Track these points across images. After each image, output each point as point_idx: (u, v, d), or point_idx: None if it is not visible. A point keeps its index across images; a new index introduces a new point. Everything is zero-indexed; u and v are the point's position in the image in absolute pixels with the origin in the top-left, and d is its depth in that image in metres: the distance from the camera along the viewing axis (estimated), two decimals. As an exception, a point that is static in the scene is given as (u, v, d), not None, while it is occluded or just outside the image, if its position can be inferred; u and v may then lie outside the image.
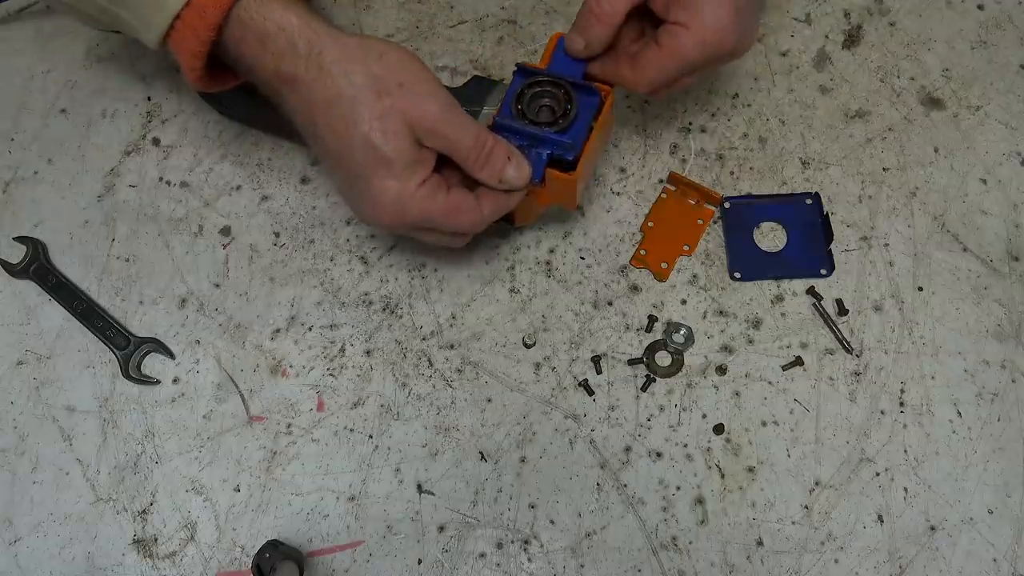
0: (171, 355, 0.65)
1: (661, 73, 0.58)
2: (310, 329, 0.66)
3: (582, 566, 0.59)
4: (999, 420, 0.62)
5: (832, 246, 0.67)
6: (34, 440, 0.63)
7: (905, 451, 0.61)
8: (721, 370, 0.64)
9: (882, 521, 0.60)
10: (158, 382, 0.64)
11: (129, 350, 0.64)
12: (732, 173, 0.70)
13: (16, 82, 0.75)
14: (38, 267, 0.67)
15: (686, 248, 0.67)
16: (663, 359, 0.64)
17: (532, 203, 0.61)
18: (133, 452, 0.63)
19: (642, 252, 0.67)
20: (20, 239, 0.68)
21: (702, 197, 0.69)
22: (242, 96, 0.66)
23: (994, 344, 0.64)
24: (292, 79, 0.53)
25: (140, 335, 0.65)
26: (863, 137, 0.71)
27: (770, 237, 0.68)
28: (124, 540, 0.61)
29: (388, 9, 0.77)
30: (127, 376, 0.64)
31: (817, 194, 0.69)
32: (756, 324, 0.65)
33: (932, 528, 0.60)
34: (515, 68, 0.59)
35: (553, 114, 0.58)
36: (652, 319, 0.65)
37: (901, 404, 0.63)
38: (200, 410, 0.64)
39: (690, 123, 0.72)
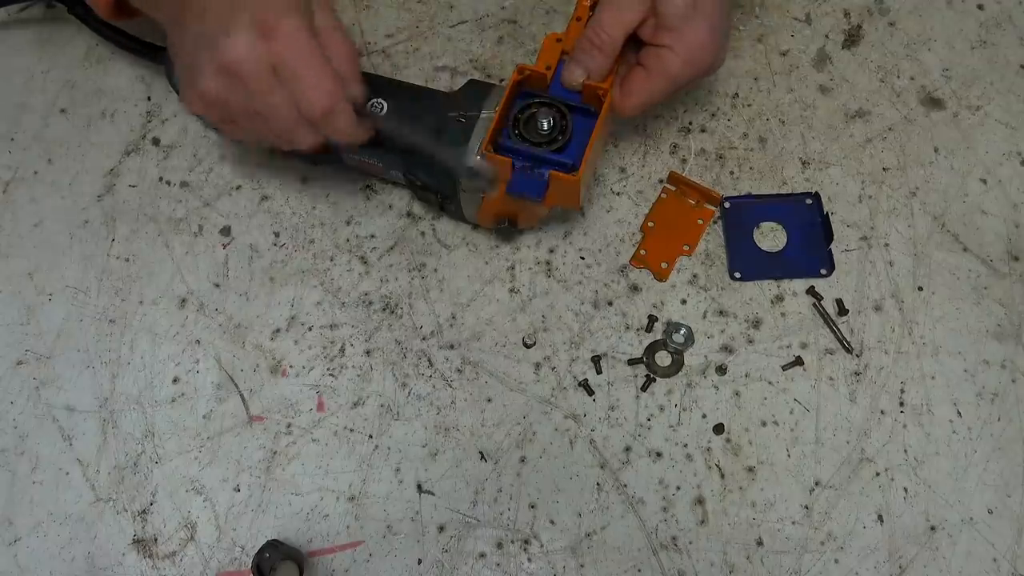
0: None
1: (650, 96, 0.60)
2: (310, 329, 0.66)
3: (582, 566, 0.59)
4: (999, 420, 0.62)
5: (832, 246, 0.67)
6: (34, 440, 0.63)
7: (905, 451, 0.61)
8: (721, 370, 0.64)
9: (882, 521, 0.60)
10: None
11: None
12: (732, 173, 0.70)
13: (16, 82, 0.75)
14: None
15: (686, 248, 0.67)
16: (663, 359, 0.64)
17: (536, 206, 0.61)
18: (133, 452, 0.63)
19: (642, 252, 0.67)
20: None
21: (702, 197, 0.69)
22: None
23: (994, 344, 0.64)
24: None
25: None
26: (863, 137, 0.71)
27: (770, 237, 0.68)
28: (124, 540, 0.61)
29: (388, 9, 0.77)
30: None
31: (817, 194, 0.69)
32: (756, 324, 0.65)
33: (932, 528, 0.60)
34: (515, 72, 0.59)
35: (551, 132, 0.58)
36: (652, 319, 0.65)
37: (901, 404, 0.63)
38: (200, 410, 0.64)
39: (690, 123, 0.72)
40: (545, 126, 0.58)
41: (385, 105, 0.62)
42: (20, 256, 0.69)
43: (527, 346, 0.65)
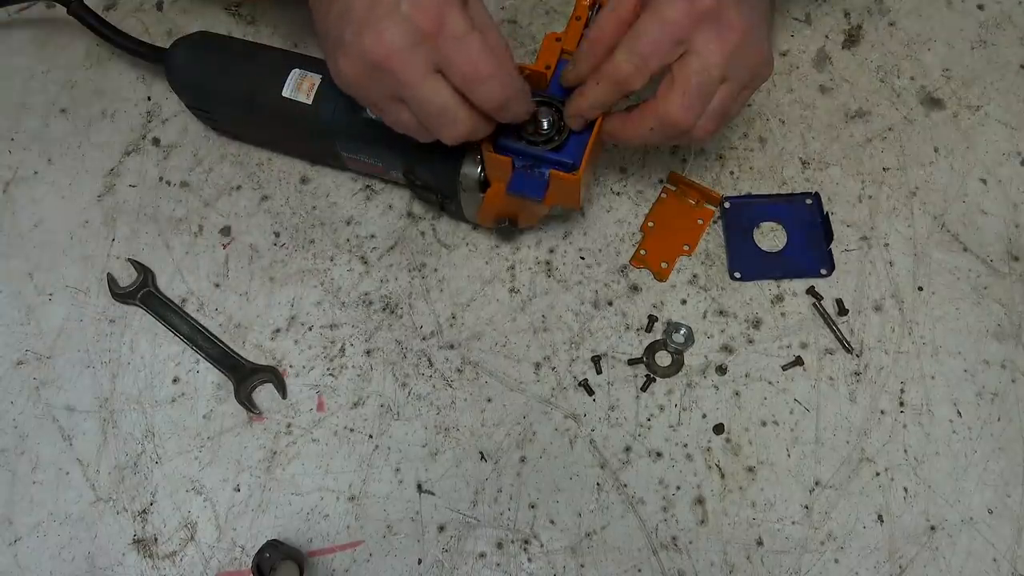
0: (283, 392, 0.64)
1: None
2: (310, 329, 0.66)
3: (582, 566, 0.59)
4: (999, 420, 0.62)
5: (832, 246, 0.67)
6: (34, 440, 0.63)
7: (905, 451, 0.61)
8: (721, 370, 0.64)
9: (882, 521, 0.60)
10: (260, 412, 0.63)
11: (242, 375, 0.64)
12: (732, 173, 0.70)
13: (16, 82, 0.75)
14: (145, 294, 0.66)
15: (686, 248, 0.67)
16: (663, 359, 0.64)
17: (536, 205, 0.61)
18: (133, 452, 0.63)
19: (642, 252, 0.67)
20: (133, 262, 0.67)
21: (702, 197, 0.69)
22: (231, 110, 0.67)
23: (994, 344, 0.64)
24: None
25: (254, 362, 0.64)
26: (863, 137, 0.71)
27: (770, 237, 0.68)
28: (124, 540, 0.61)
29: (388, 9, 0.76)
30: (239, 401, 0.63)
31: (817, 194, 0.69)
32: (756, 324, 0.65)
33: (932, 528, 0.60)
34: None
35: (551, 131, 0.58)
36: (652, 319, 0.65)
37: (901, 404, 0.63)
38: (200, 410, 0.64)
39: (690, 123, 0.72)
40: (545, 125, 0.58)
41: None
42: (20, 256, 0.69)
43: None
